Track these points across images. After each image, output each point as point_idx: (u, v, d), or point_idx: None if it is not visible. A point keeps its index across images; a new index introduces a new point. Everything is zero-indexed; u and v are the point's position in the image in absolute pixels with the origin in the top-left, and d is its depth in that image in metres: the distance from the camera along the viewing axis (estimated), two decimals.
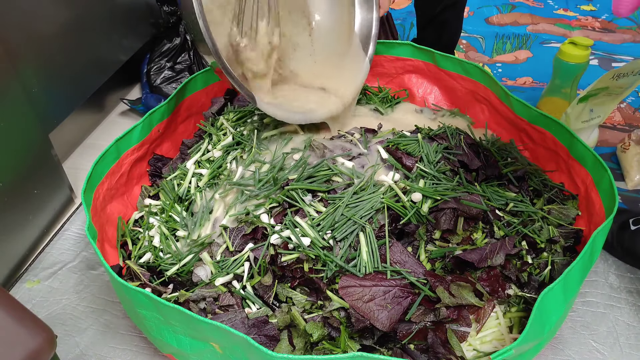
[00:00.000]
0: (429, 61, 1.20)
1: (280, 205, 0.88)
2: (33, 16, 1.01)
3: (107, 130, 1.39)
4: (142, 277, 0.86)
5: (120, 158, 0.99)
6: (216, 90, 1.20)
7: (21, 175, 0.99)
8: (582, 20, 1.85)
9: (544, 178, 0.99)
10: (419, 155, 0.95)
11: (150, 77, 1.40)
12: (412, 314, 0.76)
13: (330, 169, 0.91)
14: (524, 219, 0.89)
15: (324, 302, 0.79)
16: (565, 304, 0.73)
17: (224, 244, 0.86)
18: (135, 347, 0.89)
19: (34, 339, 0.60)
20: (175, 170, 1.05)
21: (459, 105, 1.21)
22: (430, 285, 0.78)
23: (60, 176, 1.11)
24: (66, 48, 1.13)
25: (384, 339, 0.76)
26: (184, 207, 0.97)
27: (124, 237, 0.96)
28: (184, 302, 0.81)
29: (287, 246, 0.82)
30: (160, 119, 1.07)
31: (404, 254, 0.81)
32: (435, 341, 0.74)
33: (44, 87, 1.06)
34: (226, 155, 1.03)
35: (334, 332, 0.76)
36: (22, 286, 0.99)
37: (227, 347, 0.69)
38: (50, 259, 1.04)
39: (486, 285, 0.80)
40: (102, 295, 0.97)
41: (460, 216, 0.85)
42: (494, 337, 0.78)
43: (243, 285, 0.82)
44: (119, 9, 1.29)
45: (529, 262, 0.84)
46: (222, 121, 1.12)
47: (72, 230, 1.10)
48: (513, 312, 0.80)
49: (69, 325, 0.92)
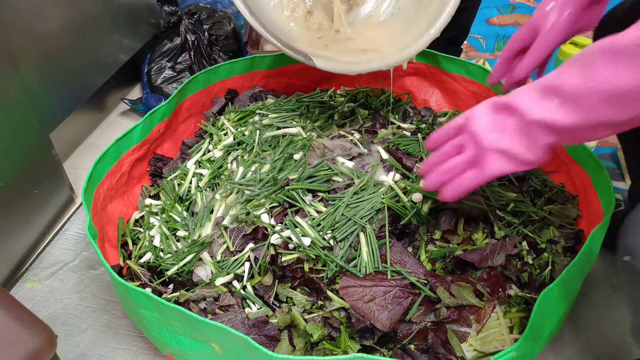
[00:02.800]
0: (431, 64, 1.20)
1: (281, 205, 0.88)
2: (34, 16, 1.01)
3: (107, 130, 1.39)
4: (142, 277, 0.86)
5: (120, 158, 0.99)
6: (217, 90, 1.20)
7: (22, 175, 0.99)
8: None
9: (544, 178, 0.99)
10: (419, 155, 0.95)
11: (150, 77, 1.40)
12: (412, 314, 0.76)
13: (330, 169, 0.91)
14: (524, 219, 0.89)
15: (324, 302, 0.79)
16: (566, 304, 0.73)
17: (225, 244, 0.86)
18: (136, 347, 0.89)
19: (34, 338, 0.60)
20: (176, 170, 1.05)
21: (461, 108, 1.21)
22: (430, 285, 0.78)
23: (60, 176, 1.11)
24: (67, 48, 1.13)
25: (384, 339, 0.76)
26: (185, 207, 0.97)
27: (125, 237, 0.96)
28: (184, 302, 0.81)
29: (288, 246, 0.82)
30: (161, 119, 1.07)
31: (404, 254, 0.81)
32: (435, 341, 0.74)
33: (45, 87, 1.06)
34: (227, 156, 1.03)
35: (334, 332, 0.76)
36: (22, 286, 0.99)
37: (227, 347, 0.69)
38: (51, 259, 1.04)
39: (486, 285, 0.80)
40: (103, 295, 0.97)
41: (461, 217, 0.85)
42: (494, 337, 0.78)
43: (243, 285, 0.82)
44: (119, 9, 1.29)
45: (529, 263, 0.84)
46: (223, 121, 1.12)
47: (73, 230, 1.10)
48: (513, 312, 0.80)
49: (69, 325, 0.92)
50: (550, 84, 0.55)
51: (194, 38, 1.43)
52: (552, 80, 0.55)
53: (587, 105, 0.52)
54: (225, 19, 1.49)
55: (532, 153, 0.59)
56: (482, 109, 0.63)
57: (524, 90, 0.59)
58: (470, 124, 0.63)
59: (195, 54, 1.43)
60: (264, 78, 1.25)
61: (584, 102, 0.52)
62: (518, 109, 0.58)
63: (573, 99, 0.53)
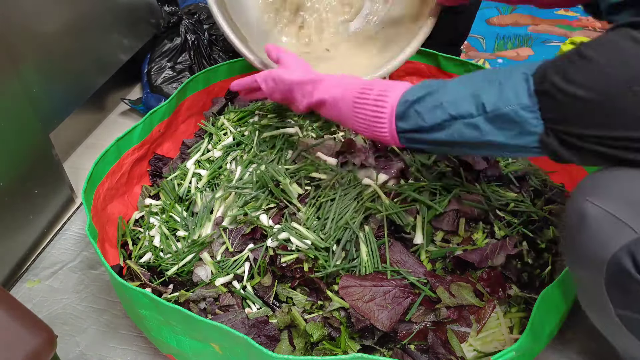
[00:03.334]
0: (431, 63, 1.20)
1: (277, 205, 0.88)
2: (34, 16, 1.01)
3: (107, 130, 1.39)
4: (142, 277, 0.86)
5: (120, 158, 0.99)
6: (217, 90, 1.20)
7: (22, 175, 0.99)
8: (583, 20, 1.84)
9: (544, 178, 0.99)
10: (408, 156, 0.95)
11: (150, 77, 1.39)
12: (412, 314, 0.76)
13: (312, 165, 0.92)
14: (524, 220, 0.88)
15: (324, 302, 0.79)
16: (566, 304, 0.73)
17: (224, 244, 0.86)
18: (136, 347, 0.89)
19: (34, 338, 0.60)
20: (175, 170, 1.05)
21: None
22: (430, 285, 0.78)
23: (60, 176, 1.11)
24: (67, 48, 1.13)
25: (384, 339, 0.76)
26: (185, 207, 0.97)
27: (125, 237, 0.96)
28: (184, 302, 0.81)
29: (286, 247, 0.82)
30: (161, 119, 1.07)
31: (404, 254, 0.81)
32: (435, 341, 0.74)
33: (45, 87, 1.06)
34: (226, 156, 1.03)
35: (334, 332, 0.76)
36: (22, 286, 0.99)
37: (227, 347, 0.69)
38: (51, 259, 1.04)
39: (486, 285, 0.80)
40: (103, 295, 0.97)
41: (461, 217, 0.85)
42: (494, 337, 0.78)
43: (243, 286, 0.82)
44: (119, 8, 1.29)
45: (529, 263, 0.84)
46: (222, 121, 1.12)
47: (73, 230, 1.10)
48: (513, 312, 0.80)
49: (70, 325, 0.92)
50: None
51: (194, 38, 1.43)
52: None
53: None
54: None
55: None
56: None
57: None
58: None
59: (195, 54, 1.43)
60: None
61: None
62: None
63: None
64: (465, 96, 0.60)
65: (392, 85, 0.69)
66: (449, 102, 0.62)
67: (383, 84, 0.71)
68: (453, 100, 0.61)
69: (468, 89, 0.61)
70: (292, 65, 0.84)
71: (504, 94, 0.57)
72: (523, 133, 0.57)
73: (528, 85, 0.55)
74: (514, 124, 0.57)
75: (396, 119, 0.67)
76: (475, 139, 0.61)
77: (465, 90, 0.61)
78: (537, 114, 0.55)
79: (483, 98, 0.58)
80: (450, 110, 0.61)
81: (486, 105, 0.58)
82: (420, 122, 0.64)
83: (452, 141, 0.63)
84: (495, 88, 0.58)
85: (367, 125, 0.71)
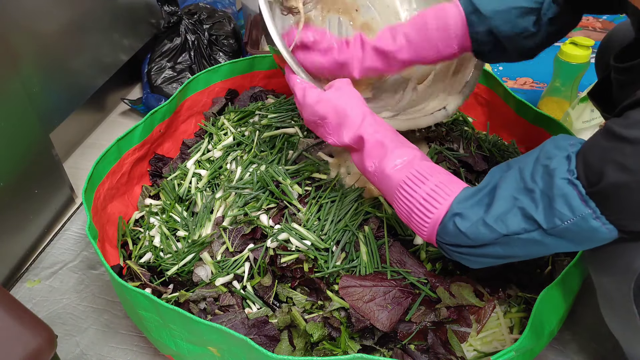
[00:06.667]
0: None
1: (277, 205, 0.88)
2: (34, 16, 1.01)
3: (107, 130, 1.39)
4: (142, 277, 0.86)
5: (121, 158, 0.99)
6: (218, 90, 1.20)
7: (22, 175, 0.99)
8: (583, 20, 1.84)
9: None
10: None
11: (151, 77, 1.39)
12: (412, 314, 0.76)
13: (312, 164, 0.92)
14: None
15: (324, 302, 0.79)
16: (566, 304, 0.73)
17: (224, 244, 0.86)
18: (136, 347, 0.89)
19: (34, 338, 0.60)
20: (176, 170, 1.05)
21: (460, 109, 1.21)
22: (430, 285, 0.78)
23: (60, 176, 1.11)
24: (67, 48, 1.13)
25: (384, 339, 0.76)
26: (185, 207, 0.97)
27: (125, 237, 0.96)
28: (184, 302, 0.81)
29: (286, 247, 0.82)
30: (162, 119, 1.07)
31: (403, 254, 0.81)
32: (435, 342, 0.74)
33: (45, 87, 1.06)
34: (226, 156, 1.03)
35: (334, 333, 0.76)
36: (22, 286, 0.99)
37: (226, 349, 0.69)
38: (51, 259, 1.04)
39: (486, 285, 0.80)
40: (103, 295, 0.97)
41: None
42: (494, 337, 0.78)
43: (243, 286, 0.82)
44: (119, 9, 1.29)
45: (529, 263, 0.84)
46: (223, 121, 1.12)
47: (73, 230, 1.10)
48: (514, 312, 0.80)
49: (70, 325, 0.92)
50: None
51: (194, 38, 1.43)
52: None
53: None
54: (225, 19, 1.49)
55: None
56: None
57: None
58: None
59: (195, 54, 1.43)
60: (264, 78, 1.25)
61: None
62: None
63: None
64: (510, 209, 0.56)
65: (447, 183, 0.63)
66: (494, 218, 0.57)
67: (440, 176, 0.64)
68: (499, 215, 0.57)
69: (508, 202, 0.57)
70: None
71: (556, 211, 0.53)
72: (594, 240, 0.54)
73: (578, 191, 0.51)
74: (580, 234, 0.53)
75: (439, 229, 0.62)
76: (541, 253, 0.58)
77: (506, 204, 0.57)
78: (601, 219, 0.51)
79: (532, 215, 0.54)
80: (500, 229, 0.57)
81: (540, 223, 0.54)
82: (465, 240, 0.60)
83: (513, 255, 0.60)
84: (540, 202, 0.54)
85: (407, 214, 0.66)
